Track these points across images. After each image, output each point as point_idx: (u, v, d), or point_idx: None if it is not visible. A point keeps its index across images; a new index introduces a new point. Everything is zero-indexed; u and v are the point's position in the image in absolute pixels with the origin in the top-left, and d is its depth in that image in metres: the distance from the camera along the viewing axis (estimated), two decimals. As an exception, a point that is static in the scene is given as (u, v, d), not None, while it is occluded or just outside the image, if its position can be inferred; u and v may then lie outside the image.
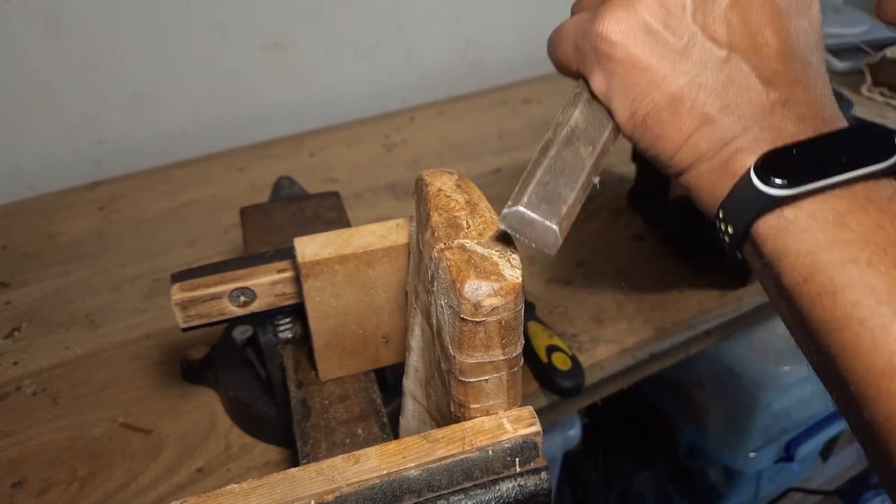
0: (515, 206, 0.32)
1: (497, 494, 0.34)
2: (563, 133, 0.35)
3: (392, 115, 1.07)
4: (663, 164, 0.36)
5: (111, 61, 0.89)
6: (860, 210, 0.29)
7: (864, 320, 0.27)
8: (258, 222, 0.62)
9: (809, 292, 0.30)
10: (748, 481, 1.18)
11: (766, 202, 0.30)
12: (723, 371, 1.05)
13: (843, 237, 0.29)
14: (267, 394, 0.56)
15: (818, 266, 0.29)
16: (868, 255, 0.28)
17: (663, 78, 0.33)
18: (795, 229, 0.30)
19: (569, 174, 0.34)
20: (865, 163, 0.30)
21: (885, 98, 1.08)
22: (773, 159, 0.31)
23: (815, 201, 0.30)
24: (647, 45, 0.33)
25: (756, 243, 0.32)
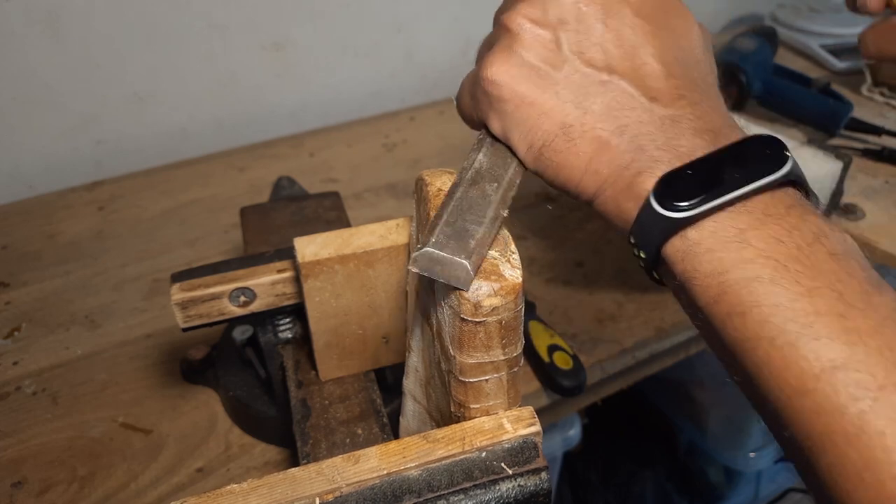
0: (424, 248, 0.32)
1: (497, 495, 0.34)
2: (467, 175, 0.36)
3: (392, 115, 1.07)
4: (572, 193, 0.36)
5: (111, 61, 0.89)
6: (759, 225, 0.29)
7: (773, 339, 0.27)
8: (258, 222, 0.62)
9: (720, 312, 0.30)
10: (748, 481, 1.18)
11: (668, 226, 0.31)
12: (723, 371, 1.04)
13: (745, 255, 0.29)
14: (267, 394, 0.56)
15: (725, 286, 0.29)
16: (770, 272, 0.28)
17: (551, 108, 0.35)
18: (700, 250, 0.30)
19: (475, 211, 0.34)
20: (759, 175, 0.30)
21: (885, 98, 1.08)
22: (671, 182, 0.31)
23: (716, 219, 0.30)
24: (530, 80, 0.35)
25: (668, 267, 0.32)
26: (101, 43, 0.88)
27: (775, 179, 0.30)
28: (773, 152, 0.31)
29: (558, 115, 0.35)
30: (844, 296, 0.27)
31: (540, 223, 0.83)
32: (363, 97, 1.10)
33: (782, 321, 0.27)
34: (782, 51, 1.22)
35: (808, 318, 0.27)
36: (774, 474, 1.20)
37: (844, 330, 0.26)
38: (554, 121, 0.35)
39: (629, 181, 0.33)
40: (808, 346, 0.26)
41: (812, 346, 0.26)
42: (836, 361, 0.26)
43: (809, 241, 0.29)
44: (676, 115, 0.33)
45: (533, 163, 0.37)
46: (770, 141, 0.32)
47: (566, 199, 0.87)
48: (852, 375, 0.25)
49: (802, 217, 0.30)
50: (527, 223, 0.83)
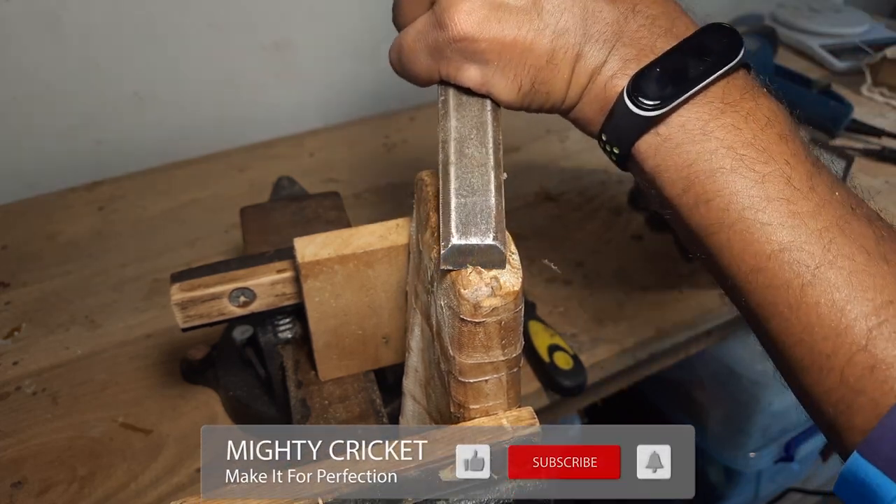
0: (448, 243, 0.32)
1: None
2: (451, 148, 0.35)
3: (392, 115, 1.07)
4: (557, 111, 0.37)
5: (111, 61, 0.89)
6: (720, 114, 0.32)
7: (732, 224, 0.31)
8: (258, 222, 0.62)
9: (687, 202, 0.33)
10: (748, 481, 1.18)
11: (641, 123, 0.33)
12: (723, 371, 1.05)
13: (709, 147, 0.32)
14: (267, 394, 0.56)
15: (692, 178, 0.32)
16: (731, 162, 0.32)
17: (532, 41, 0.34)
18: (670, 145, 0.33)
19: (479, 187, 0.34)
20: (719, 65, 0.33)
21: (885, 98, 1.08)
22: (641, 81, 0.33)
23: (683, 113, 0.33)
24: (503, 21, 0.34)
25: (637, 161, 0.35)
26: (101, 43, 0.88)
27: (732, 66, 0.33)
28: (728, 40, 0.34)
29: (540, 45, 0.34)
30: (791, 180, 0.31)
31: (540, 223, 0.83)
32: (363, 97, 1.10)
33: (740, 208, 0.31)
34: (782, 51, 1.22)
35: (761, 205, 0.31)
36: (774, 474, 1.20)
37: (790, 214, 0.31)
38: (538, 53, 0.34)
39: (603, 83, 0.35)
40: (760, 231, 0.31)
41: (764, 231, 0.31)
42: (783, 243, 0.30)
43: (763, 126, 0.32)
44: (634, 5, 0.34)
45: (520, 101, 0.36)
46: (724, 30, 0.34)
47: (566, 199, 0.87)
48: (795, 255, 0.30)
49: (755, 100, 0.33)
50: (527, 223, 0.83)
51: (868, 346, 0.29)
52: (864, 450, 0.29)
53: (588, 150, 0.96)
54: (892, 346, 0.28)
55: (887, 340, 0.28)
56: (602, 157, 0.38)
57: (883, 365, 0.28)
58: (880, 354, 0.28)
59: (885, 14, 1.52)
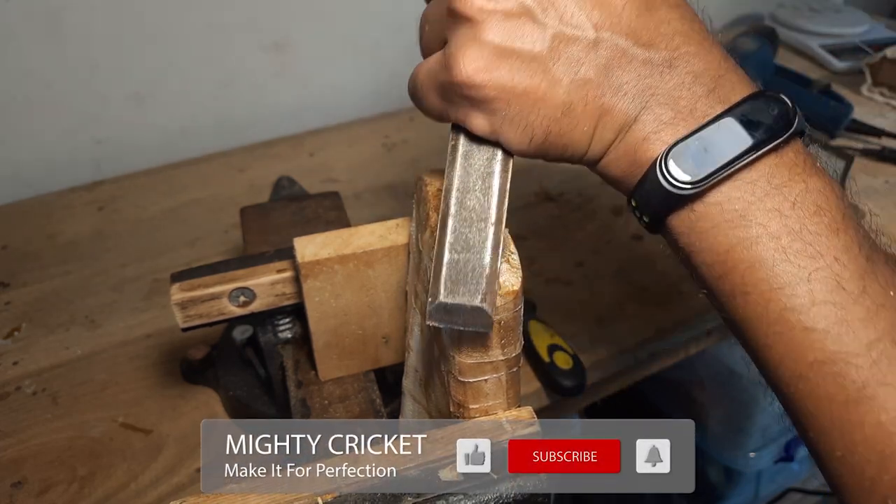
0: (435, 300, 0.30)
1: (496, 495, 0.34)
2: (453, 199, 0.33)
3: (392, 115, 1.07)
4: (576, 162, 0.34)
5: (111, 61, 0.89)
6: (764, 197, 0.29)
7: (773, 324, 0.29)
8: (258, 222, 0.62)
9: (725, 290, 0.31)
10: (748, 481, 1.18)
11: (674, 200, 0.31)
12: (723, 371, 1.05)
13: (750, 234, 0.29)
14: (267, 394, 0.56)
15: (729, 265, 0.30)
16: (772, 254, 0.29)
17: (545, 92, 0.31)
18: (706, 225, 0.30)
19: (475, 243, 0.31)
20: (767, 141, 0.29)
21: (885, 98, 1.08)
22: (675, 154, 0.30)
23: (722, 191, 0.30)
24: (514, 69, 0.31)
25: (669, 235, 0.32)
26: (101, 43, 0.88)
27: (782, 142, 0.30)
28: (780, 109, 0.30)
29: (555, 96, 0.31)
30: (841, 279, 0.28)
31: (540, 223, 0.83)
32: (363, 97, 1.10)
33: (780, 308, 0.29)
34: (782, 51, 1.22)
35: (804, 307, 0.28)
36: (774, 474, 1.20)
37: (837, 321, 0.28)
38: (552, 104, 0.31)
39: (634, 145, 0.32)
40: (802, 336, 0.28)
41: (807, 337, 0.28)
42: (827, 354, 0.28)
43: (812, 213, 0.29)
44: (672, 59, 0.31)
45: (534, 152, 0.33)
46: (775, 100, 0.31)
47: (566, 199, 0.87)
48: (840, 368, 0.28)
49: (806, 182, 0.30)
50: (527, 223, 0.83)
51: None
52: None
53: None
54: None
55: None
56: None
57: None
58: None
59: (885, 14, 1.52)
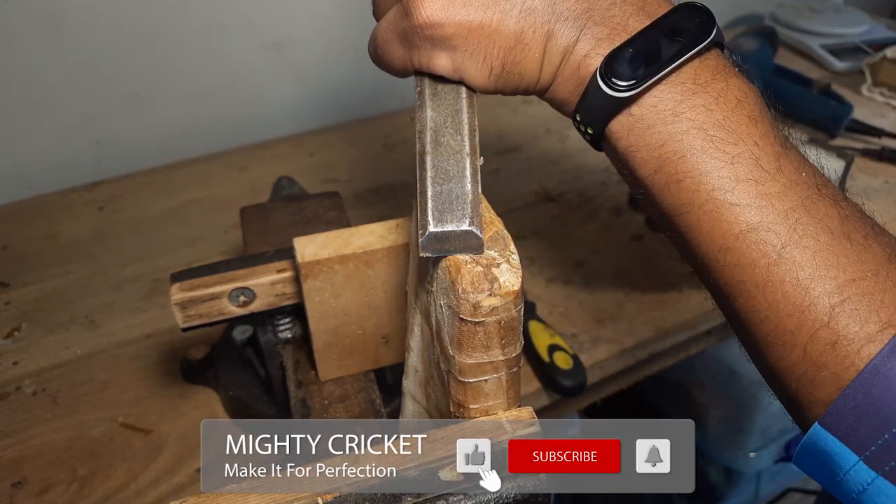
0: (425, 231, 0.32)
1: (496, 495, 0.34)
2: (427, 138, 0.35)
3: (392, 115, 1.07)
4: (533, 92, 0.37)
5: (111, 61, 0.89)
6: (691, 95, 0.33)
7: (702, 205, 0.32)
8: (258, 222, 0.62)
9: (659, 182, 0.34)
10: (748, 481, 1.18)
11: (613, 104, 0.33)
12: (723, 371, 1.05)
13: (680, 128, 0.32)
14: (267, 394, 0.56)
15: (664, 158, 0.33)
16: (700, 143, 0.32)
17: (499, 23, 0.34)
18: (642, 126, 0.33)
19: (454, 174, 0.34)
20: (691, 46, 0.33)
21: (885, 98, 1.08)
22: (613, 61, 0.33)
23: (655, 94, 0.33)
24: (468, 6, 0.34)
25: (610, 141, 0.35)
26: (101, 43, 0.88)
27: (704, 46, 0.33)
28: (701, 20, 0.34)
29: (507, 27, 0.34)
30: (760, 161, 0.32)
31: (540, 223, 0.83)
32: (363, 97, 1.10)
33: (710, 189, 0.32)
34: (782, 51, 1.22)
35: (730, 185, 0.31)
36: (774, 474, 1.20)
37: (758, 195, 0.31)
38: (505, 35, 0.34)
39: (576, 63, 0.35)
40: (729, 211, 0.31)
41: (732, 211, 0.31)
42: (751, 224, 0.31)
43: (733, 107, 0.32)
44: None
45: (493, 84, 0.36)
46: (697, 8, 0.34)
47: (566, 199, 0.87)
48: (762, 235, 0.31)
49: (727, 81, 0.33)
50: (527, 223, 0.83)
51: (830, 322, 0.29)
52: (825, 421, 0.30)
53: (588, 149, 0.96)
54: (853, 323, 0.29)
55: (849, 317, 0.29)
56: (602, 157, 0.38)
57: (844, 341, 0.29)
58: (842, 331, 0.29)
59: (885, 14, 1.52)
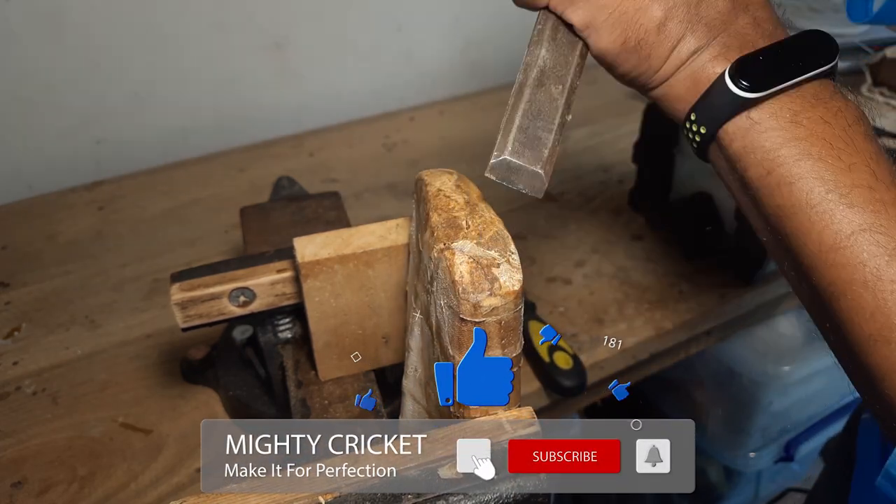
0: (501, 156, 0.33)
1: (496, 495, 0.34)
2: (533, 74, 0.36)
3: (392, 115, 1.07)
4: (644, 81, 0.39)
5: (111, 61, 0.89)
6: (810, 108, 0.35)
7: (815, 206, 0.33)
8: (258, 222, 0.62)
9: (770, 183, 0.35)
10: (748, 481, 1.18)
11: (737, 104, 0.35)
12: (723, 371, 1.05)
13: (798, 134, 0.34)
14: (267, 394, 0.56)
15: (779, 161, 0.34)
16: (818, 150, 0.34)
17: (649, 4, 0.36)
18: (760, 129, 0.35)
19: (545, 117, 0.35)
20: (814, 66, 0.35)
21: (885, 98, 1.08)
22: (744, 65, 0.35)
23: (775, 102, 0.35)
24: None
25: (723, 143, 0.37)
26: (101, 43, 0.88)
27: (825, 70, 0.35)
28: (825, 45, 0.36)
29: (655, 11, 0.36)
30: (876, 172, 0.33)
31: (540, 223, 0.83)
32: (363, 97, 1.10)
33: (825, 191, 0.33)
34: (782, 51, 1.22)
35: (846, 189, 0.33)
36: (774, 474, 1.20)
37: (873, 200, 0.32)
38: (651, 16, 0.36)
39: (701, 65, 0.37)
40: (843, 213, 0.33)
41: (846, 213, 0.33)
42: (864, 225, 0.32)
43: (851, 123, 0.34)
44: (746, 4, 0.37)
45: (617, 56, 0.37)
46: (823, 36, 0.37)
47: (566, 199, 0.87)
48: (875, 237, 0.32)
49: (845, 102, 0.35)
50: (527, 223, 0.83)
51: None
52: None
53: (588, 150, 0.96)
54: None
55: None
56: (602, 157, 0.39)
57: None
58: None
59: (885, 14, 1.52)
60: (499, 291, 0.32)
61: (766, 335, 0.99)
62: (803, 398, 1.06)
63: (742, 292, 0.73)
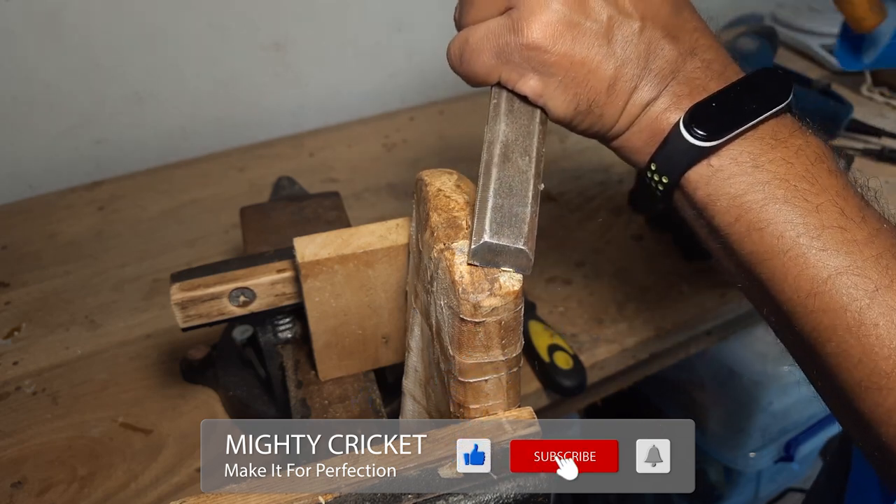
0: (481, 239, 0.33)
1: (496, 495, 0.34)
2: (497, 151, 0.36)
3: (392, 115, 1.07)
4: (602, 136, 0.38)
5: (111, 61, 0.89)
6: (770, 149, 0.34)
7: (787, 251, 0.32)
8: (258, 222, 0.62)
9: (739, 231, 0.34)
10: (748, 481, 1.18)
11: (695, 154, 0.35)
12: (723, 371, 1.05)
13: (761, 178, 0.34)
14: (267, 394, 0.56)
15: (745, 207, 0.34)
16: (783, 192, 0.33)
17: (597, 65, 0.35)
18: (722, 176, 0.34)
19: (517, 192, 0.34)
20: (771, 105, 0.34)
21: (885, 98, 1.08)
22: (697, 114, 0.35)
23: (734, 147, 0.34)
24: (577, 40, 0.35)
25: (686, 191, 0.36)
26: (101, 43, 0.88)
27: (782, 108, 0.35)
28: (779, 83, 0.36)
29: (605, 71, 0.35)
30: (844, 210, 0.32)
31: (540, 223, 0.83)
32: (363, 97, 1.10)
33: (795, 235, 0.32)
34: (782, 51, 1.22)
35: (816, 232, 0.32)
36: (774, 474, 1.20)
37: (845, 241, 0.32)
38: (601, 77, 0.35)
39: (655, 116, 0.36)
40: (816, 256, 0.32)
41: (820, 256, 0.32)
42: (840, 268, 0.31)
43: (813, 161, 0.33)
44: (693, 48, 0.36)
45: (572, 118, 0.37)
46: (775, 73, 0.36)
47: (566, 199, 0.87)
48: (853, 279, 0.31)
49: (805, 139, 0.34)
50: (527, 223, 0.82)
51: None
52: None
53: (588, 150, 0.96)
54: None
55: None
56: (602, 158, 0.39)
57: None
58: None
59: (885, 14, 1.51)
60: (499, 291, 0.32)
61: (766, 335, 0.99)
62: (803, 398, 1.06)
63: (742, 292, 0.73)
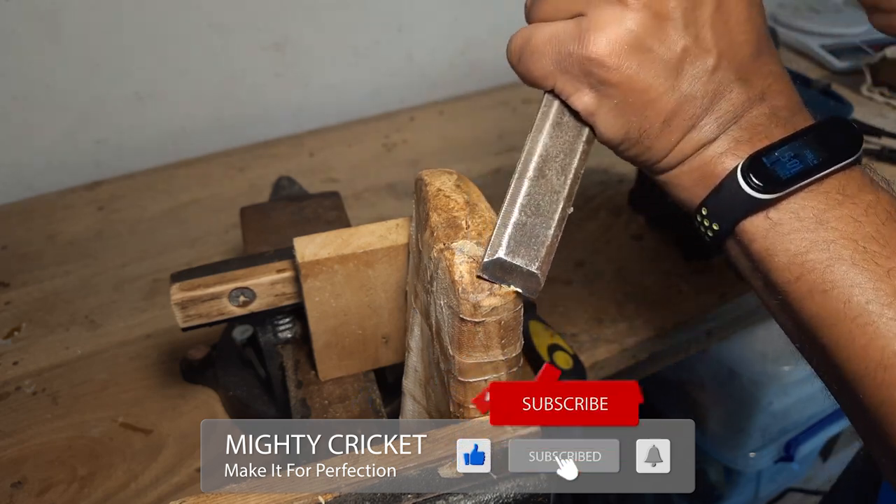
0: (495, 255, 0.32)
1: (496, 495, 0.34)
2: (533, 164, 0.34)
3: (392, 115, 1.07)
4: (647, 168, 0.37)
5: (111, 61, 0.89)
6: (837, 206, 0.32)
7: (855, 318, 0.30)
8: (258, 222, 0.62)
9: (800, 290, 0.32)
10: (748, 481, 1.18)
11: (751, 204, 0.32)
12: (723, 371, 1.05)
13: (826, 236, 0.31)
14: (267, 394, 0.56)
15: (807, 266, 0.31)
16: (850, 253, 0.30)
17: (659, 96, 0.33)
18: (782, 231, 0.32)
19: (544, 210, 0.33)
20: (838, 159, 0.32)
21: (885, 98, 1.08)
22: (757, 162, 0.32)
23: (797, 200, 0.32)
24: (643, 65, 0.32)
25: (742, 242, 0.34)
26: (101, 43, 0.88)
27: (851, 161, 0.32)
28: (848, 136, 0.33)
29: (665, 104, 0.33)
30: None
31: (540, 223, 0.83)
32: (363, 97, 1.10)
33: (864, 301, 0.30)
34: (782, 51, 1.22)
35: (887, 299, 0.30)
36: (774, 474, 1.20)
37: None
38: (659, 110, 0.33)
39: (709, 158, 0.34)
40: (887, 326, 0.29)
41: (891, 326, 0.29)
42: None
43: (884, 220, 0.31)
44: (763, 94, 0.34)
45: (619, 143, 0.35)
46: (845, 125, 0.34)
47: (566, 199, 0.87)
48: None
49: (876, 195, 0.32)
50: (527, 223, 0.82)
51: None
52: None
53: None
54: None
55: None
56: (602, 158, 0.38)
57: None
58: None
59: (885, 14, 1.51)
60: (499, 291, 0.32)
61: (766, 335, 0.99)
62: (803, 398, 1.06)
63: (742, 292, 0.73)
